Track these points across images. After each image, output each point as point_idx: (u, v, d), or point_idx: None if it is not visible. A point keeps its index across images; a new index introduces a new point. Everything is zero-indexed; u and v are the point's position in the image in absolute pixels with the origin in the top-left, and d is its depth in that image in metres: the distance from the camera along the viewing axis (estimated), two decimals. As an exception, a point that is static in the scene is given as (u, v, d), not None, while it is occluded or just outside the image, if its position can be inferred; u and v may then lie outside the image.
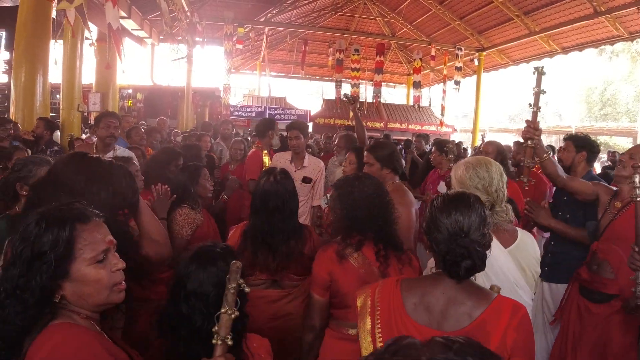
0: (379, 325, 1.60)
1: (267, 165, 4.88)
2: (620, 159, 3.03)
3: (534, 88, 2.88)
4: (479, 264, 1.50)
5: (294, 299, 2.69)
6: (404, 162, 8.74)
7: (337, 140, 5.66)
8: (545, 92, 2.86)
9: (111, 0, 7.63)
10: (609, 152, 14.46)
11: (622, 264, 2.65)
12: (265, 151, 5.11)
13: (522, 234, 2.31)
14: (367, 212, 2.26)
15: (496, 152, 4.13)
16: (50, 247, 1.27)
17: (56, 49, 7.88)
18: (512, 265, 2.14)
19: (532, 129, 2.88)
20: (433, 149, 5.26)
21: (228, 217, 4.84)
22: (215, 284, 1.67)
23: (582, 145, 3.74)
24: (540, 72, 2.87)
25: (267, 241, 2.58)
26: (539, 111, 2.91)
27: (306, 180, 4.74)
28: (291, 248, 2.59)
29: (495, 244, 2.00)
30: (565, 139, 3.94)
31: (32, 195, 1.87)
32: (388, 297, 1.63)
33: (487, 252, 1.54)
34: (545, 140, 27.47)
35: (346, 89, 21.66)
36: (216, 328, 1.41)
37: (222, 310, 1.42)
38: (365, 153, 3.36)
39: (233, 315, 1.42)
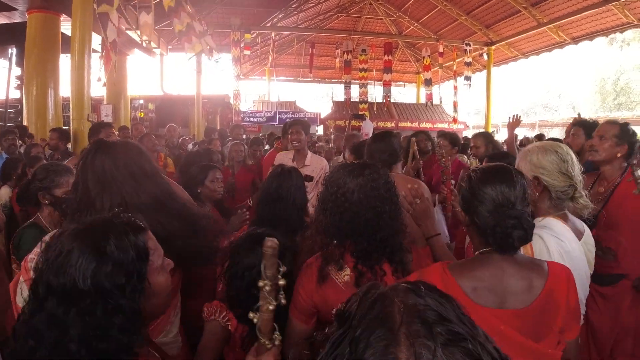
0: None
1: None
2: (591, 144, 2.85)
3: None
4: (530, 234, 1.48)
5: None
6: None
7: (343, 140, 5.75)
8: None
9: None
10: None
11: (624, 250, 2.66)
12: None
13: (585, 227, 2.13)
14: (358, 216, 1.78)
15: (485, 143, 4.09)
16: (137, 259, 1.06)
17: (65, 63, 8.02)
18: (584, 258, 2.00)
19: None
20: (441, 141, 5.13)
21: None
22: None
23: (591, 132, 3.67)
24: None
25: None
26: None
27: (307, 178, 4.72)
28: (297, 243, 2.47)
29: (572, 235, 1.93)
30: (574, 125, 3.89)
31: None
32: (440, 285, 1.45)
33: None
34: (560, 133, 27.05)
35: (355, 90, 21.66)
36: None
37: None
38: None
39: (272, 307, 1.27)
